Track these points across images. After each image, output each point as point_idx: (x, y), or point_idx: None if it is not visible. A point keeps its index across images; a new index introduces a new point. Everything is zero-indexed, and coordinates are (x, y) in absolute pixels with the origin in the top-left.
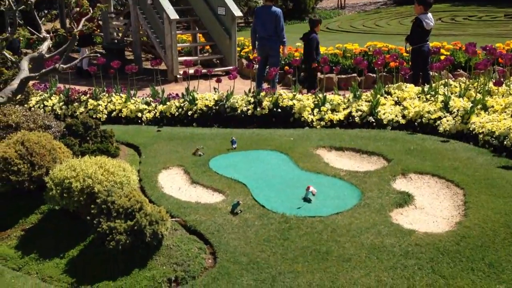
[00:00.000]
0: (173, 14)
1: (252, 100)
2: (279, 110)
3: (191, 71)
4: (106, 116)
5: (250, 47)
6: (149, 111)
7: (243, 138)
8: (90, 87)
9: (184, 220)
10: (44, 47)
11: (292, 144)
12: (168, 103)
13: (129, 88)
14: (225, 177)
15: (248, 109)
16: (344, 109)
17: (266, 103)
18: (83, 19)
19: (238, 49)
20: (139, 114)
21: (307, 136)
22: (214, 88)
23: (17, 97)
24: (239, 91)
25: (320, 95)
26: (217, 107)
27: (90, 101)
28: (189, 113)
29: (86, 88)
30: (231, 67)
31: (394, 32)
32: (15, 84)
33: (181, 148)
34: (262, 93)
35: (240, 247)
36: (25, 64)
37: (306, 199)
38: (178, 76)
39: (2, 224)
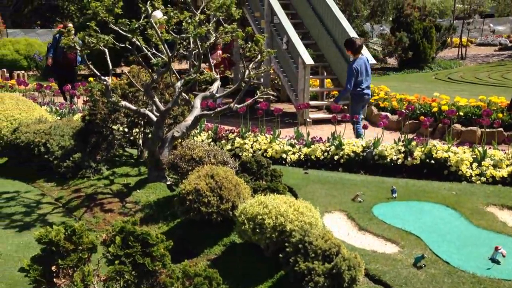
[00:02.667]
0: (308, 60)
1: (403, 149)
2: (432, 161)
3: (319, 115)
4: (251, 155)
5: (381, 94)
6: (293, 153)
7: (398, 188)
8: (233, 126)
9: (365, 268)
10: (214, 87)
11: (456, 199)
12: (312, 146)
13: (274, 129)
14: (394, 227)
15: (398, 158)
16: (507, 165)
17: (417, 153)
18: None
19: None
20: (284, 155)
21: (470, 191)
22: (357, 135)
23: (189, 133)
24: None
25: (480, 149)
26: (364, 154)
27: (237, 139)
28: (335, 157)
29: (231, 127)
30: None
31: None
32: (189, 120)
33: (336, 193)
34: (413, 143)
35: None
36: (197, 102)
37: (494, 260)
38: (308, 119)
39: (191, 252)
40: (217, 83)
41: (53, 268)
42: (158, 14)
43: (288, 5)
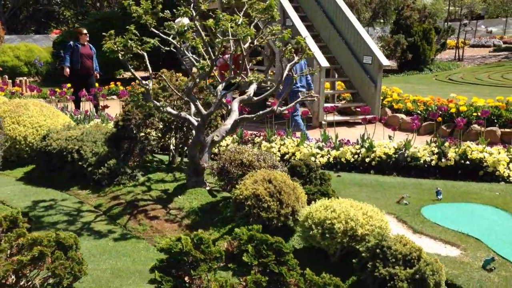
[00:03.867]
0: (324, 62)
1: (436, 150)
2: (467, 162)
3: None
4: (279, 158)
5: (394, 96)
6: (322, 156)
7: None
8: (253, 130)
9: None
10: (251, 89)
11: (502, 200)
12: (341, 148)
13: (303, 132)
14: (450, 229)
15: (431, 160)
16: None
17: (451, 154)
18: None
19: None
20: (312, 158)
21: None
22: (389, 136)
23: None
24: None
25: None
26: (396, 156)
27: (264, 143)
28: (367, 160)
29: (256, 131)
30: (372, 116)
31: None
32: (228, 124)
33: (378, 195)
34: (446, 144)
35: None
36: (235, 106)
37: None
38: (323, 122)
39: None
40: (254, 86)
41: (186, 278)
42: (185, 21)
43: (297, 8)
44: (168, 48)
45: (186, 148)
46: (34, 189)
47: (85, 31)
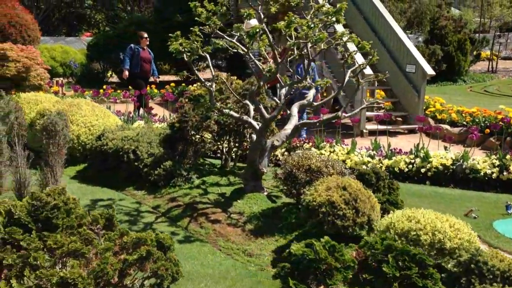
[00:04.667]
0: (367, 70)
1: (497, 163)
2: None
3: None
4: None
5: (437, 106)
6: (374, 165)
7: (503, 203)
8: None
9: None
10: (311, 95)
11: None
12: (394, 158)
13: (353, 140)
14: None
15: (492, 172)
16: None
17: None
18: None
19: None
20: (364, 167)
21: None
22: (445, 147)
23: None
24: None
25: None
26: (453, 167)
27: (313, 149)
28: (422, 170)
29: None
30: (415, 126)
31: None
32: (288, 129)
33: (442, 207)
34: (508, 156)
35: None
36: (295, 110)
37: None
38: (364, 130)
39: None
40: (313, 91)
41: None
42: (253, 22)
43: None
44: (236, 50)
45: (239, 152)
46: (90, 188)
47: (145, 35)
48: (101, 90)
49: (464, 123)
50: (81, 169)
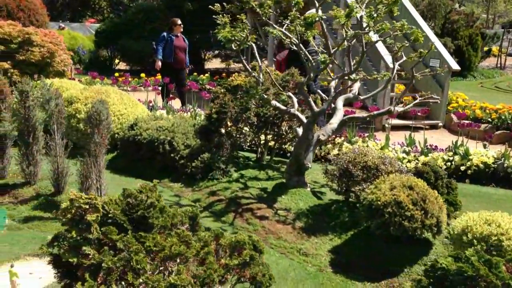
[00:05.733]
0: (391, 63)
1: None
2: None
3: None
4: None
5: (460, 102)
6: (409, 161)
7: None
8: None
9: None
10: (356, 88)
11: None
12: (430, 154)
13: (387, 135)
14: None
15: None
16: None
17: None
18: None
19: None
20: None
21: None
22: (484, 145)
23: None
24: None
25: None
26: (495, 165)
27: (345, 144)
28: (462, 168)
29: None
30: (438, 121)
31: None
32: (334, 123)
33: (491, 207)
34: None
35: None
36: (340, 104)
37: None
38: (386, 125)
39: (389, 271)
40: (358, 84)
41: None
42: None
43: None
44: (289, 41)
45: (276, 145)
46: (124, 178)
47: (179, 21)
48: (120, 78)
49: (489, 119)
50: (110, 159)
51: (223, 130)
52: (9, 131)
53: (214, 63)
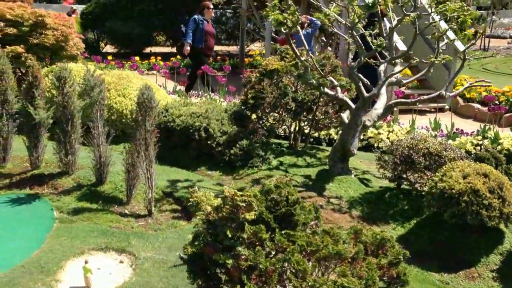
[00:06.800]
0: (402, 46)
1: None
2: None
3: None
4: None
5: (464, 84)
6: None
7: None
8: None
9: None
10: (397, 70)
11: None
12: (458, 139)
13: (413, 119)
14: None
15: None
16: None
17: None
18: None
19: None
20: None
21: None
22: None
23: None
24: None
25: None
26: None
27: (371, 129)
28: None
29: None
30: (444, 104)
31: None
32: (379, 108)
33: None
34: None
35: None
36: (384, 89)
37: None
38: (395, 109)
39: (464, 260)
40: (398, 68)
41: None
42: None
43: None
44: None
45: (312, 131)
46: (158, 167)
47: (212, 5)
48: (113, 61)
49: (497, 102)
50: None
51: (254, 116)
52: (44, 119)
53: None
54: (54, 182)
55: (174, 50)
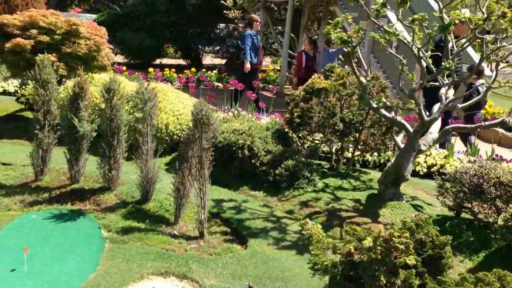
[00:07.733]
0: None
1: None
2: None
3: None
4: (426, 170)
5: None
6: None
7: None
8: None
9: None
10: (450, 94)
11: None
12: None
13: (452, 143)
14: None
15: None
16: None
17: None
18: None
19: None
20: None
21: None
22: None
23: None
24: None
25: None
26: None
27: None
28: None
29: None
30: None
31: None
32: (435, 133)
33: None
34: None
35: None
36: (437, 112)
37: None
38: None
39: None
40: (452, 92)
41: None
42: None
43: None
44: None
45: (356, 153)
46: None
47: (258, 18)
48: (151, 71)
49: None
50: (169, 162)
51: (296, 136)
52: (88, 132)
53: (207, 59)
54: (96, 197)
55: (182, 61)
